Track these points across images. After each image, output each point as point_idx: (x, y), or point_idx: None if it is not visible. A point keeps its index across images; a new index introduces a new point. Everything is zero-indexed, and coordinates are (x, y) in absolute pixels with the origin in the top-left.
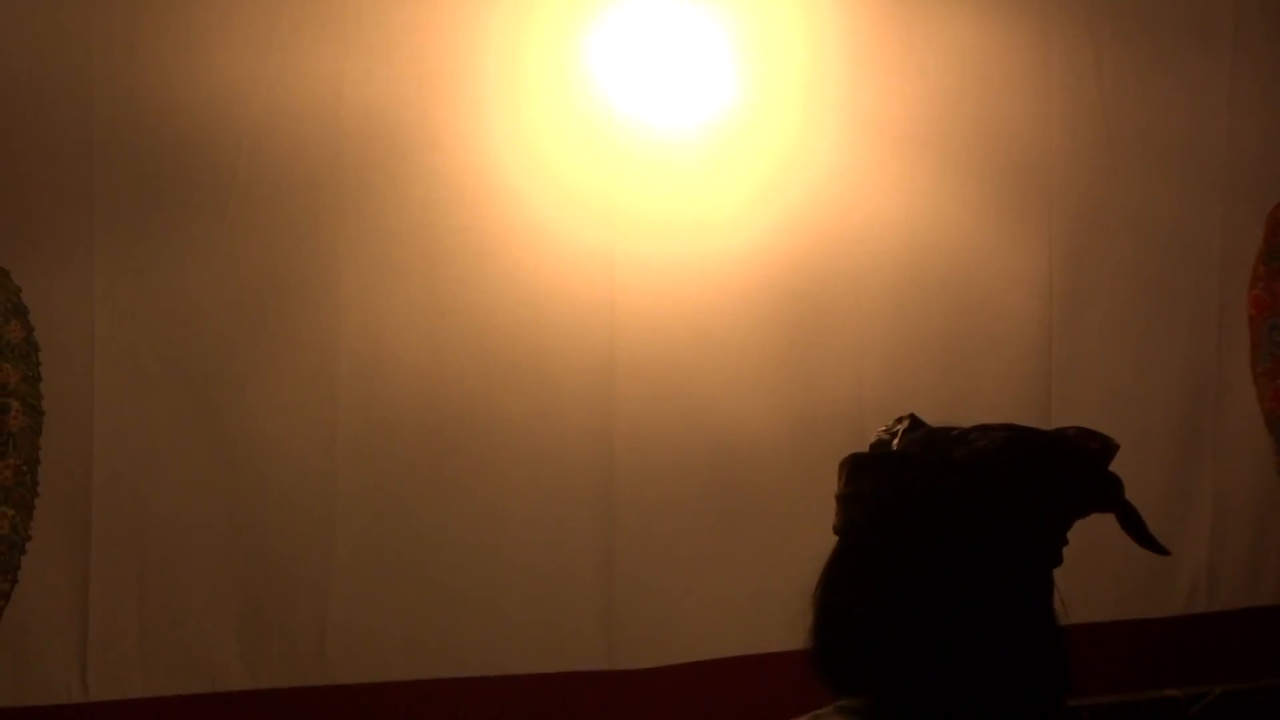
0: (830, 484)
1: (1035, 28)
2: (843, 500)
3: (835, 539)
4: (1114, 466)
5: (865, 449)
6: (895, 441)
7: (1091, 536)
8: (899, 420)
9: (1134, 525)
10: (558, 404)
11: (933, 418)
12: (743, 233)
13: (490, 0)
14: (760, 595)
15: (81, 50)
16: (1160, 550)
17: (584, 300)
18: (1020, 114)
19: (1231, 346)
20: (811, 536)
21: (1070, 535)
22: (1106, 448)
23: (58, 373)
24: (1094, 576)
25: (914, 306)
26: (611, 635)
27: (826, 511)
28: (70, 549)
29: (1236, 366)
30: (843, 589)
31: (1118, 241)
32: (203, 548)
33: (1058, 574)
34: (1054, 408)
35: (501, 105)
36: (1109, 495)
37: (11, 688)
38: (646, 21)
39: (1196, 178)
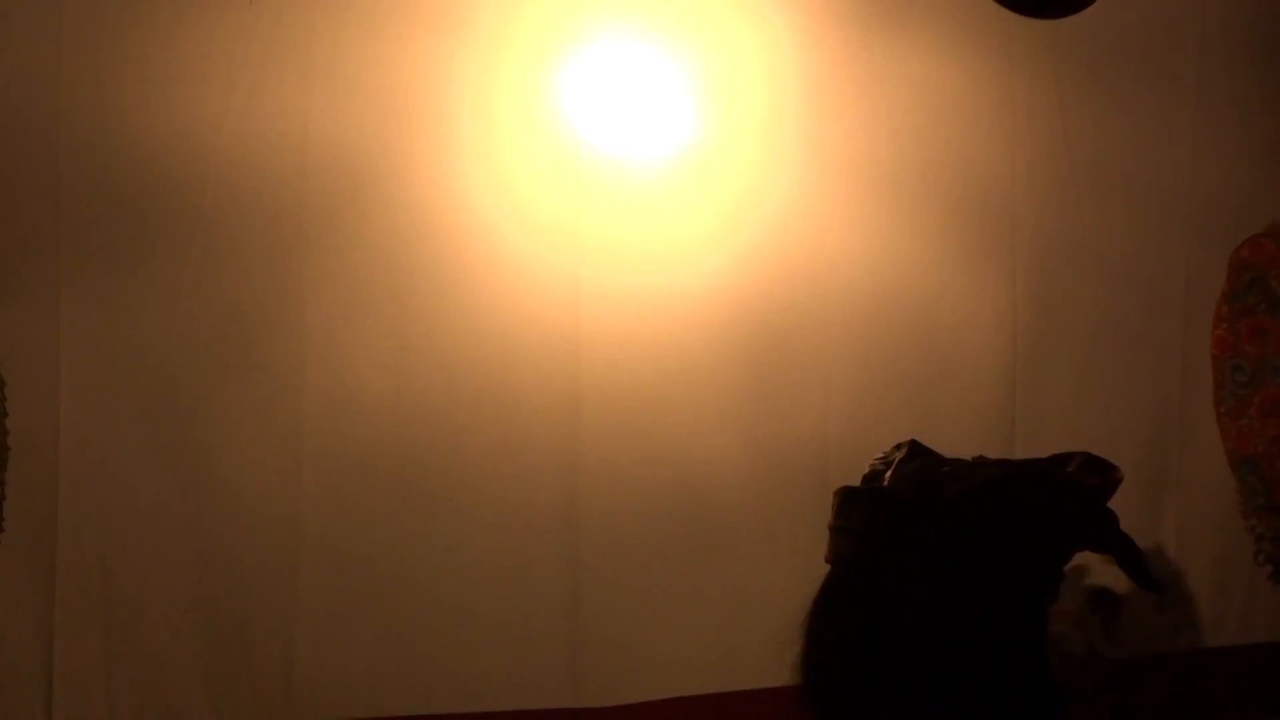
0: (795, 518)
1: (999, 67)
2: (834, 531)
3: (826, 569)
4: None
5: (853, 479)
6: (889, 473)
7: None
8: (897, 447)
9: (1132, 563)
10: (522, 440)
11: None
12: (707, 264)
13: (459, 37)
14: (727, 632)
15: (47, 84)
16: (1157, 590)
17: (550, 335)
18: (984, 154)
19: (1195, 386)
20: (777, 573)
21: None
22: (1108, 483)
23: (23, 408)
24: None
25: (879, 344)
26: (577, 672)
27: (792, 547)
28: (35, 587)
29: (1200, 406)
30: (833, 622)
31: (1082, 280)
32: (168, 584)
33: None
34: (1018, 445)
35: (470, 141)
36: (1105, 533)
37: None
38: (612, 60)
39: (1161, 217)
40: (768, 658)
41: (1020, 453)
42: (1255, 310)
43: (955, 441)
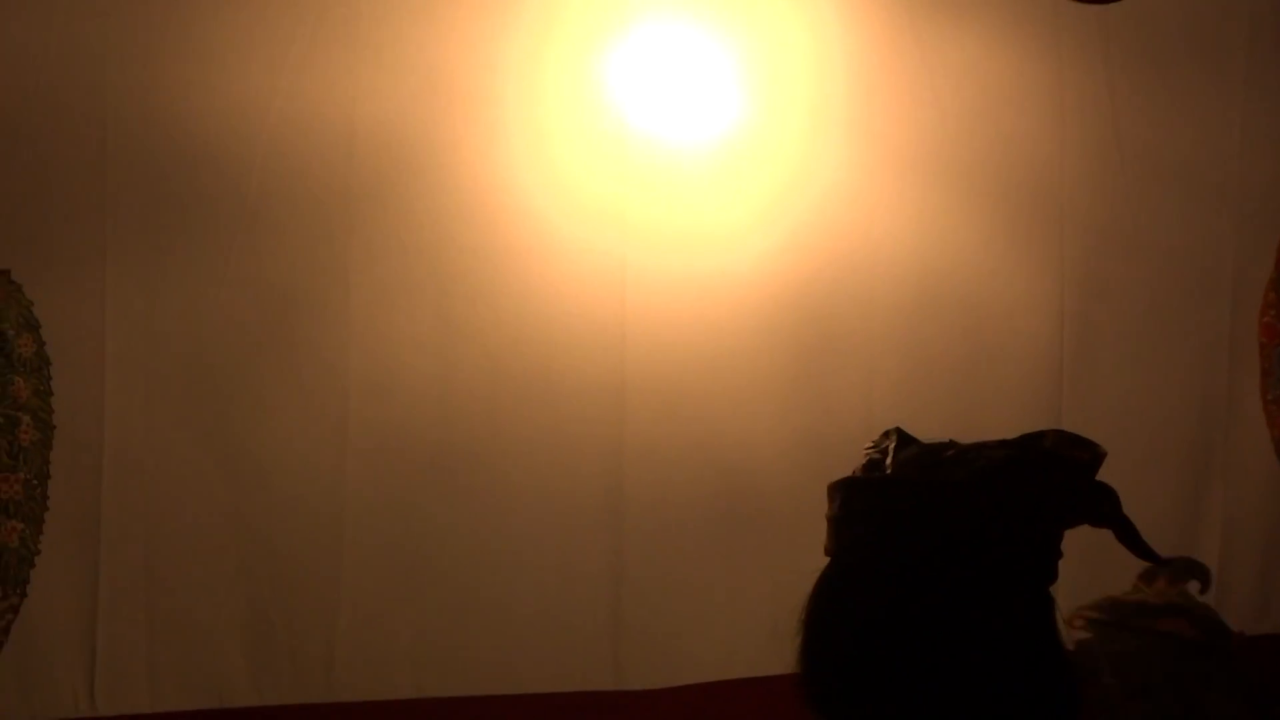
0: None
1: (1048, 52)
2: (835, 522)
3: (825, 561)
4: (1125, 489)
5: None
6: (888, 461)
7: (1094, 561)
8: (885, 436)
9: (1130, 537)
10: (567, 423)
11: (940, 438)
12: (752, 249)
13: (506, 18)
14: (768, 617)
15: (96, 65)
16: (1158, 560)
17: (595, 318)
18: (1032, 137)
19: (1242, 373)
20: (820, 558)
21: (1073, 561)
22: (1095, 458)
23: (69, 387)
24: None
25: (924, 329)
26: (619, 655)
27: None
28: (79, 563)
29: (1247, 393)
30: (835, 612)
31: (1129, 266)
32: (212, 562)
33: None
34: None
35: (516, 123)
36: (1103, 508)
37: (19, 702)
38: (659, 42)
39: (1209, 203)
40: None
41: None
42: None
43: (1000, 427)
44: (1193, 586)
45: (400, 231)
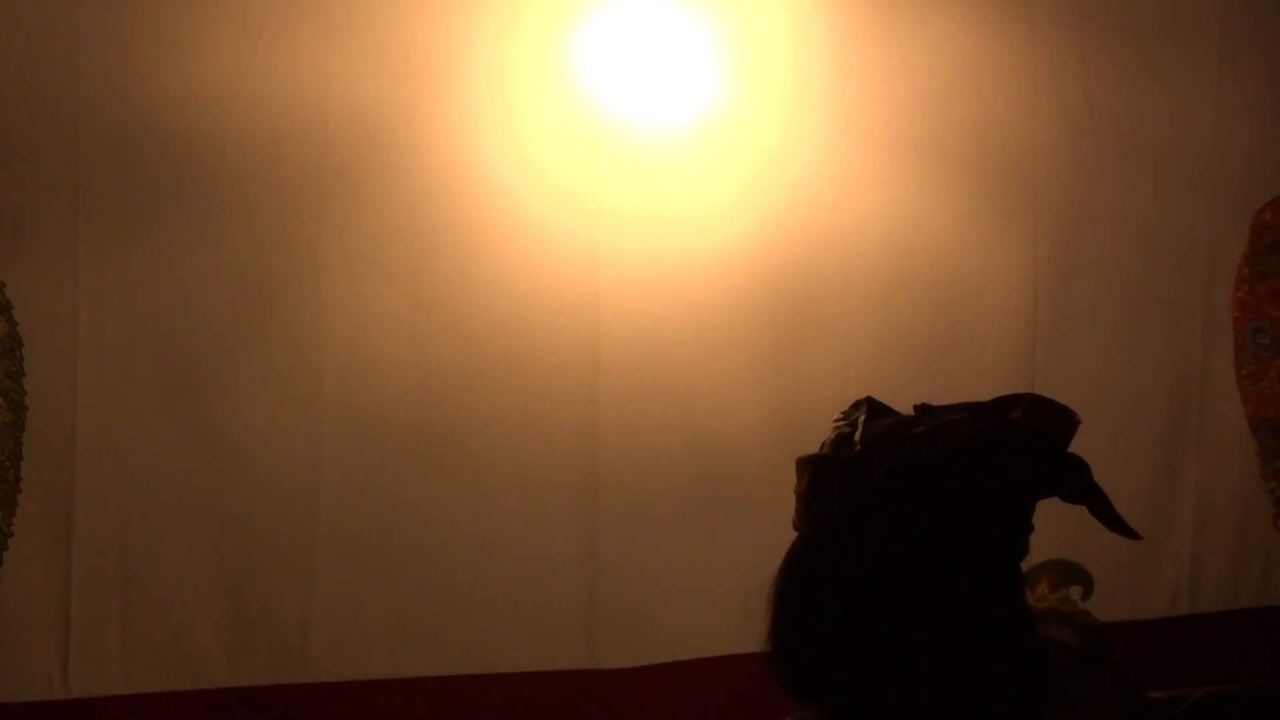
0: None
1: (1022, 30)
2: (804, 499)
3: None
4: (1099, 465)
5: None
6: (857, 435)
7: (1071, 538)
8: (855, 407)
9: (1103, 510)
10: (542, 402)
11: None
12: (728, 229)
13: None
14: (744, 594)
15: (67, 46)
16: (1132, 535)
17: (569, 297)
18: (1006, 115)
19: (1216, 348)
20: (792, 534)
21: (1052, 537)
22: (1069, 427)
23: (41, 368)
24: None
25: (899, 305)
26: (594, 634)
27: None
28: (53, 544)
29: (1221, 368)
30: (803, 590)
31: (1103, 242)
32: (186, 544)
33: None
34: None
35: (488, 103)
36: (1074, 483)
37: None
38: (633, 20)
39: (1182, 179)
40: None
41: None
42: (1277, 273)
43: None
44: (1075, 591)
45: (373, 213)
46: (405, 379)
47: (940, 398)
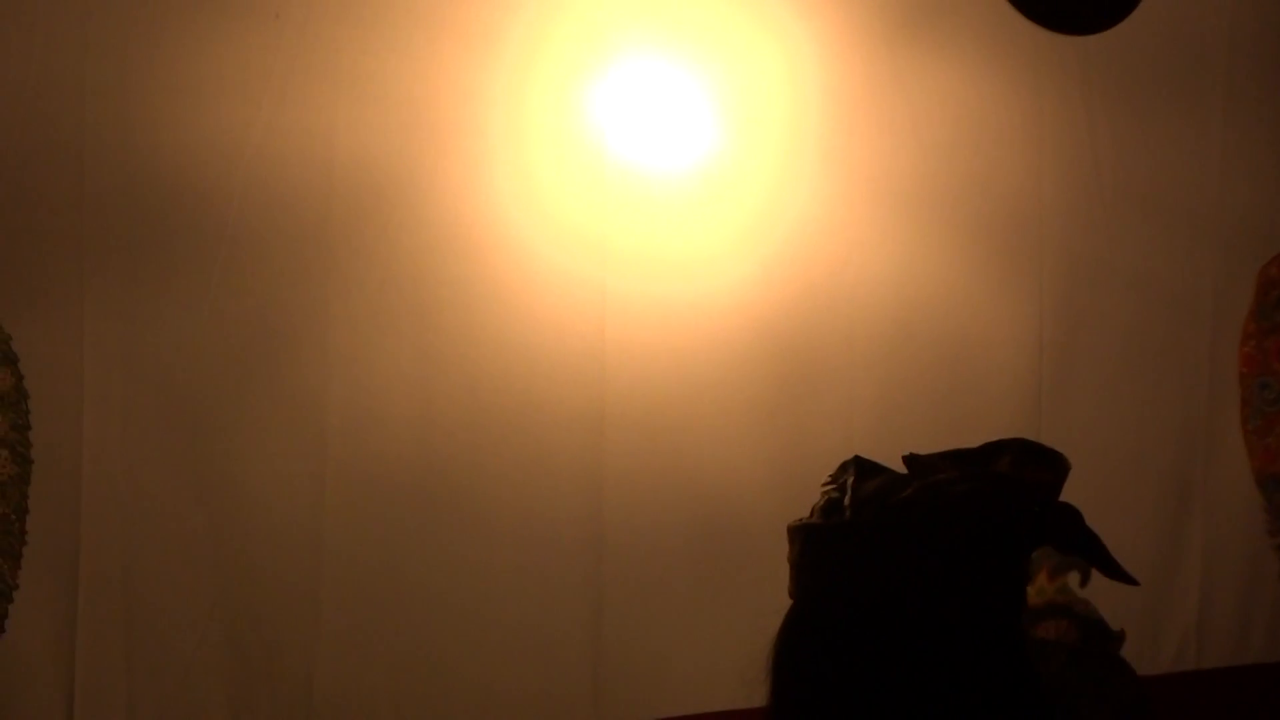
0: None
1: (1028, 83)
2: (796, 567)
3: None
4: (1105, 519)
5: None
6: (846, 500)
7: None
8: (843, 469)
9: (1099, 557)
10: (547, 457)
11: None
12: (729, 276)
13: (487, 50)
14: (749, 648)
15: (73, 98)
16: (1129, 580)
17: (574, 354)
18: (1012, 169)
19: (1222, 403)
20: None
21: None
22: (1059, 474)
23: (47, 421)
24: None
25: (904, 360)
26: (599, 689)
27: None
28: (58, 598)
29: (1227, 424)
30: (799, 661)
31: (1109, 297)
32: (191, 597)
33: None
34: None
35: (495, 155)
36: (1067, 533)
37: None
38: (639, 75)
39: (1188, 234)
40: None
41: None
42: None
43: None
44: (1072, 579)
45: (379, 265)
46: (410, 432)
47: (943, 449)
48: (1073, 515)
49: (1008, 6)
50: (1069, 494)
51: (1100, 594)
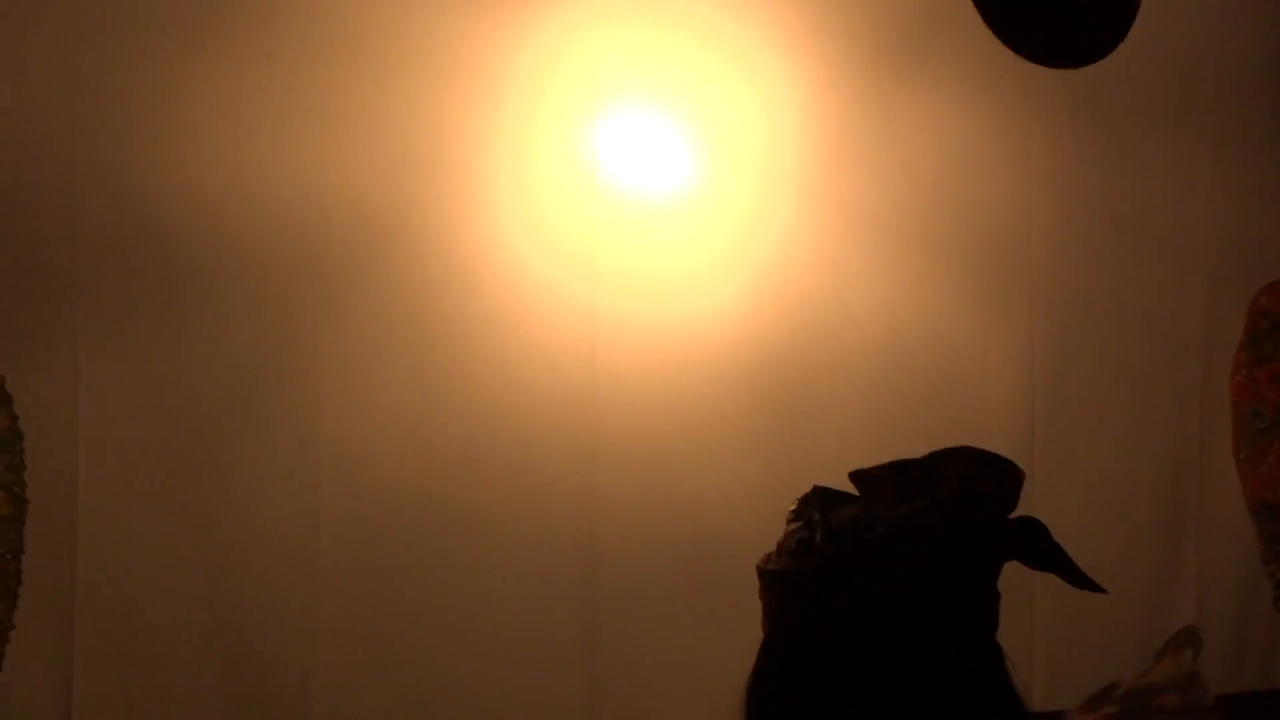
0: None
1: (1016, 116)
2: (769, 606)
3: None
4: (1100, 550)
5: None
6: (818, 537)
7: (1071, 621)
8: (806, 503)
9: (1066, 568)
10: (541, 491)
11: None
12: (717, 301)
13: (479, 91)
14: (743, 673)
15: (65, 138)
16: (1097, 589)
17: (567, 388)
18: (1000, 201)
19: (1214, 433)
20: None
21: (1050, 620)
22: (1014, 483)
23: (42, 461)
24: (1075, 663)
25: (895, 393)
26: (595, 714)
27: None
28: (55, 637)
29: (1219, 453)
30: (774, 698)
31: (1099, 327)
32: (186, 635)
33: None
34: (1036, 494)
35: (489, 193)
36: (1030, 547)
37: None
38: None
39: (1178, 263)
40: None
41: (1039, 501)
42: (1274, 357)
43: None
44: (1188, 655)
45: (372, 302)
46: (405, 468)
47: None
48: (1038, 529)
49: (996, 40)
50: (1062, 521)
51: (1093, 623)
